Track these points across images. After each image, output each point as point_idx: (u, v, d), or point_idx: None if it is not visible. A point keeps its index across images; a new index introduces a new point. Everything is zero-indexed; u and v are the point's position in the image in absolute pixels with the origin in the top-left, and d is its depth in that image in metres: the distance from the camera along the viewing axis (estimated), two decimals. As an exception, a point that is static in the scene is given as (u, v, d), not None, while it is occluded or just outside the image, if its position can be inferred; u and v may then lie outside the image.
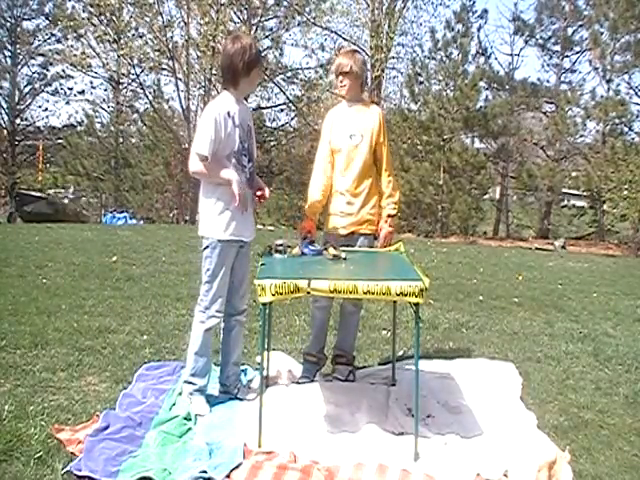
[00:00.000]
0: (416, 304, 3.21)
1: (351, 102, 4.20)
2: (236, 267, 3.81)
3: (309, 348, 4.40)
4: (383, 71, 19.72)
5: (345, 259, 3.73)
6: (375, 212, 4.24)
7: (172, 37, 20.37)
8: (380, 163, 4.17)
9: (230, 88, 3.72)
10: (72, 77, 23.33)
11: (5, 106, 24.09)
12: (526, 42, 22.12)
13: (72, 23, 20.23)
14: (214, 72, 20.02)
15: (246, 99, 3.96)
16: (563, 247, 14.94)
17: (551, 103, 20.40)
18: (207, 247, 3.72)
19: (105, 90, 23.51)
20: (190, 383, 3.78)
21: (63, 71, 23.18)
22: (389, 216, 4.19)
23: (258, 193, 3.84)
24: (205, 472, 2.98)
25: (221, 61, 3.81)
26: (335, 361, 4.38)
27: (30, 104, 24.54)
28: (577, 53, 21.22)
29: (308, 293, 3.26)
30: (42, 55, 23.64)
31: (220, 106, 3.66)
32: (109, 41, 20.79)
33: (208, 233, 3.71)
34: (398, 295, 3.18)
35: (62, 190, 23.63)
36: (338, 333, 4.48)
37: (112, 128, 23.40)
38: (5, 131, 24.17)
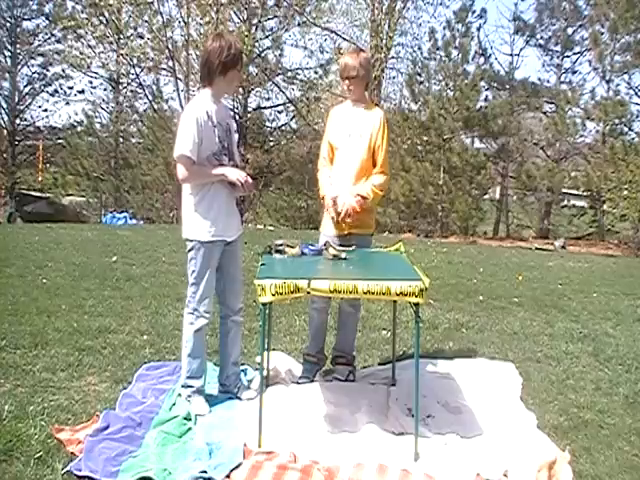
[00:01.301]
0: (416, 304, 3.22)
1: (355, 102, 4.21)
2: (225, 266, 3.80)
3: (308, 349, 4.41)
4: (383, 71, 19.70)
5: (345, 259, 3.74)
6: (371, 213, 4.24)
7: (172, 37, 20.39)
8: (376, 164, 4.16)
9: (207, 86, 3.71)
10: (72, 77, 23.35)
11: (5, 106, 24.06)
12: (526, 42, 22.12)
13: (72, 23, 20.22)
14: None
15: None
16: (563, 247, 14.93)
17: (551, 103, 20.37)
18: (191, 249, 3.70)
19: (105, 90, 23.53)
20: (187, 387, 3.78)
21: (63, 71, 23.17)
22: (359, 194, 4.06)
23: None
24: (205, 472, 2.99)
25: (200, 57, 3.80)
26: (335, 362, 4.39)
27: (30, 104, 24.49)
28: (577, 53, 21.22)
29: (308, 293, 3.26)
30: (42, 55, 23.62)
31: (198, 106, 3.64)
32: (109, 41, 20.78)
33: (191, 235, 3.69)
34: (398, 295, 3.18)
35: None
36: (337, 334, 4.48)
37: (112, 128, 23.37)
38: (5, 131, 24.13)
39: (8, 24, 23.55)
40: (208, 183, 3.65)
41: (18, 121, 24.21)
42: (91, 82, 23.00)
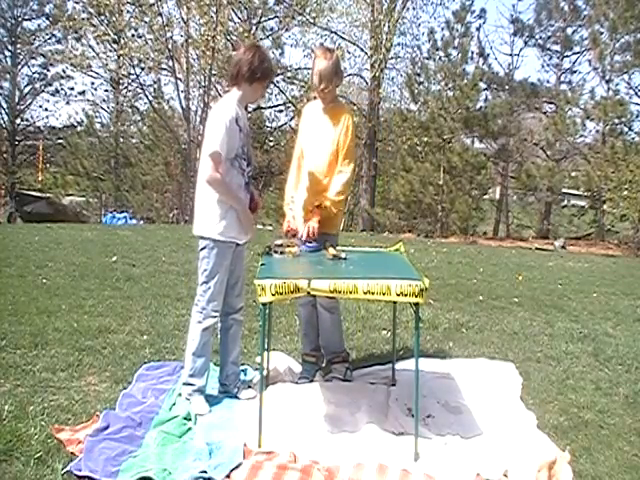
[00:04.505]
0: (416, 304, 3.22)
1: (327, 103, 4.20)
2: (232, 266, 3.82)
3: (304, 347, 4.42)
4: (382, 71, 19.70)
5: (345, 259, 3.74)
6: (336, 213, 4.17)
7: (172, 37, 20.41)
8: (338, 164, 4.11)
9: (234, 88, 3.76)
10: (72, 77, 23.39)
11: (5, 106, 24.10)
12: (525, 43, 22.11)
13: (72, 23, 20.24)
14: (214, 72, 20.03)
15: (249, 106, 4.02)
16: (563, 247, 14.91)
17: (551, 103, 20.36)
18: (204, 248, 3.72)
19: (105, 90, 23.55)
20: (189, 384, 3.78)
21: (63, 71, 23.22)
22: (317, 205, 4.04)
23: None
24: (205, 472, 2.99)
25: (233, 59, 3.84)
26: (331, 362, 4.37)
27: (30, 104, 24.55)
28: (577, 53, 21.20)
29: (308, 293, 3.26)
30: (42, 55, 23.63)
31: (229, 107, 3.70)
32: (109, 41, 20.80)
33: (207, 233, 3.72)
34: (398, 295, 3.18)
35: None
36: (319, 336, 4.37)
37: (112, 128, 23.38)
38: (5, 131, 24.15)
39: (9, 24, 23.58)
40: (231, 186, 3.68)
41: (18, 121, 24.25)
42: (92, 83, 23.06)
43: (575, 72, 21.32)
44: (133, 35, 20.65)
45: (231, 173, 3.68)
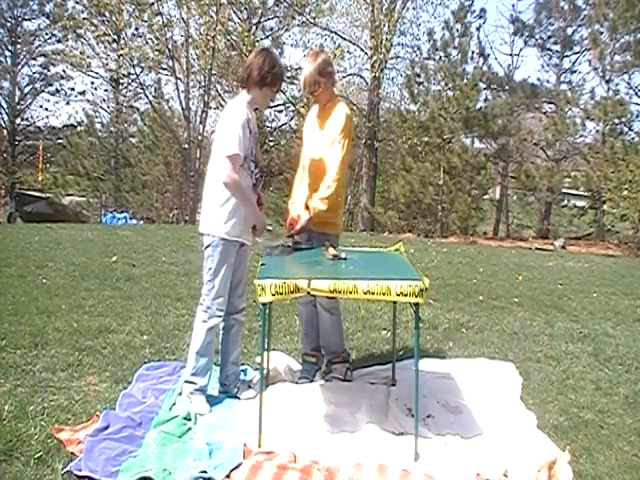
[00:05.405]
0: (416, 304, 3.22)
1: (323, 104, 4.20)
2: (235, 266, 3.84)
3: (304, 347, 4.43)
4: (382, 71, 19.70)
5: (345, 259, 3.74)
6: (335, 214, 4.19)
7: (172, 37, 20.42)
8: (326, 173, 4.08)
9: (244, 91, 3.79)
10: (72, 77, 23.40)
11: (5, 106, 24.09)
12: (525, 43, 22.12)
13: (72, 23, 20.24)
14: (214, 72, 20.03)
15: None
16: (563, 247, 14.91)
17: (551, 103, 20.37)
18: (209, 245, 3.74)
19: (105, 90, 23.55)
20: (191, 383, 3.79)
21: (63, 71, 23.24)
22: (308, 207, 4.04)
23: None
24: (205, 472, 2.99)
25: (247, 61, 3.85)
26: (331, 362, 4.38)
27: (30, 104, 24.55)
28: (577, 53, 21.21)
29: (308, 293, 3.26)
30: (43, 55, 23.64)
31: (242, 110, 3.72)
32: (109, 41, 20.81)
33: (212, 231, 3.74)
34: (398, 295, 3.18)
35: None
36: (319, 337, 4.37)
37: (112, 128, 23.38)
38: (5, 131, 24.15)
39: (9, 24, 23.58)
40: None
41: (18, 121, 24.24)
42: (93, 83, 23.06)
43: (575, 72, 21.37)
44: (133, 35, 20.67)
45: (241, 175, 3.70)
